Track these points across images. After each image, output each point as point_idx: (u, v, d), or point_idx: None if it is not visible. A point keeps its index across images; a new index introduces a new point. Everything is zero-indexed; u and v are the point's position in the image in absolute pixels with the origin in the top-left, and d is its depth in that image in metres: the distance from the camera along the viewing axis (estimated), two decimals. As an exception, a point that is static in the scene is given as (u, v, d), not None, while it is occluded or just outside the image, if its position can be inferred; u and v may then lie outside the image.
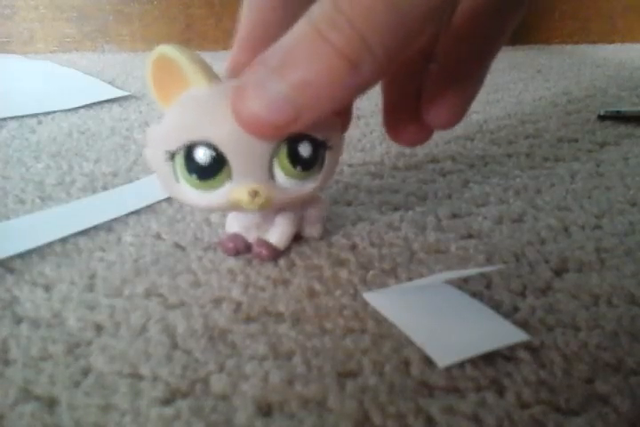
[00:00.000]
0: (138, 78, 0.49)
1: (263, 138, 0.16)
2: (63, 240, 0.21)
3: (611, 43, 0.72)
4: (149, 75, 0.17)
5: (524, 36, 0.69)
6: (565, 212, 0.24)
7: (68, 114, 0.38)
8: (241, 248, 0.20)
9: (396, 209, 0.24)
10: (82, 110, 0.39)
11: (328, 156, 0.18)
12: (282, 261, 0.20)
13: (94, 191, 0.26)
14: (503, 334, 0.16)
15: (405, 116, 0.21)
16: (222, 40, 0.63)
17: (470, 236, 0.22)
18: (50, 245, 0.21)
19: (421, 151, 0.32)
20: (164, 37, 0.62)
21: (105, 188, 0.26)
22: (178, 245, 0.21)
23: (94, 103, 0.40)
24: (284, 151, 0.17)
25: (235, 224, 0.20)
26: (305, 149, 0.17)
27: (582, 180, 0.28)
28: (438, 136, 0.34)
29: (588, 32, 0.71)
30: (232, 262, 0.20)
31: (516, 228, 0.23)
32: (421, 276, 0.19)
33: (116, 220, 0.23)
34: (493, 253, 0.21)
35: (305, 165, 0.17)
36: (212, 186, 0.17)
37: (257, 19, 0.18)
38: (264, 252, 0.20)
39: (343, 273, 0.19)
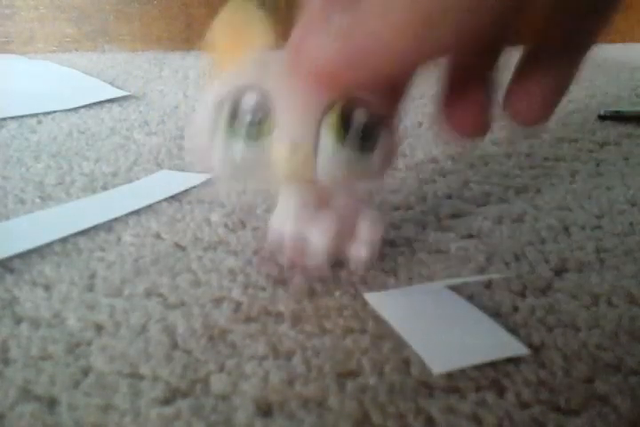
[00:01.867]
0: (138, 78, 0.49)
1: (314, 83, 0.14)
2: (63, 240, 0.21)
3: (611, 43, 0.72)
4: (215, 33, 0.16)
5: (524, 35, 0.69)
6: (565, 212, 0.24)
7: (68, 114, 0.38)
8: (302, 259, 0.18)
9: (396, 209, 0.24)
10: (82, 110, 0.39)
11: (384, 138, 0.16)
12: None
13: (94, 191, 0.26)
14: (502, 345, 0.16)
15: (468, 104, 0.19)
16: (222, 40, 0.63)
17: (470, 236, 0.22)
18: (50, 245, 0.21)
19: (421, 151, 0.32)
20: (164, 37, 0.62)
21: (105, 188, 0.26)
22: (178, 245, 0.21)
23: (94, 103, 0.40)
24: (336, 111, 0.15)
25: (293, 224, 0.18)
26: (360, 116, 0.15)
27: (582, 180, 0.28)
28: (438, 136, 0.34)
29: (588, 32, 0.71)
30: (232, 262, 0.20)
31: (515, 228, 0.23)
32: (421, 276, 0.19)
33: (116, 220, 0.23)
34: (493, 253, 0.21)
35: (358, 137, 0.15)
36: (254, 137, 0.15)
37: None
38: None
39: (343, 273, 0.19)
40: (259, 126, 0.15)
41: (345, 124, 0.15)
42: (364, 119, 0.15)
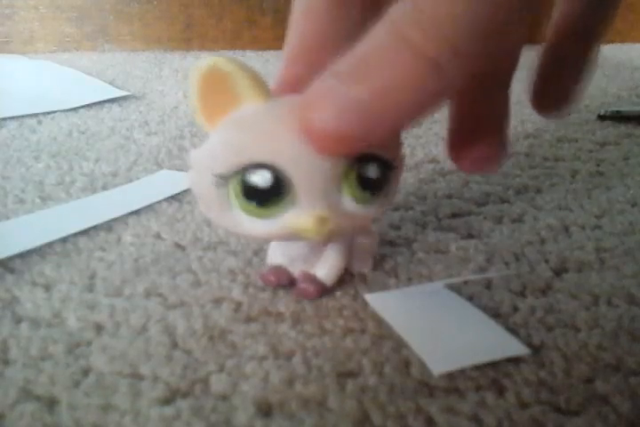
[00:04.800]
0: (138, 78, 0.49)
1: (334, 154, 0.14)
2: (63, 240, 0.21)
3: (611, 43, 0.72)
4: (196, 90, 0.15)
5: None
6: (565, 212, 0.24)
7: (68, 114, 0.38)
8: (284, 282, 0.18)
9: (396, 209, 0.24)
10: (82, 110, 0.39)
11: (391, 177, 0.16)
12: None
13: (94, 191, 0.26)
14: (502, 345, 0.16)
15: (477, 136, 0.19)
16: (222, 40, 0.63)
17: (470, 236, 0.22)
18: (50, 245, 0.21)
19: (421, 151, 0.32)
20: (164, 37, 0.62)
21: (105, 188, 0.26)
22: (178, 245, 0.21)
23: (94, 103, 0.40)
24: (352, 173, 0.15)
25: (278, 255, 0.19)
26: (373, 171, 0.15)
27: (582, 180, 0.28)
28: (438, 136, 0.34)
29: (588, 32, 0.71)
30: (232, 262, 0.20)
31: (515, 228, 0.23)
32: (421, 276, 0.19)
33: (115, 220, 0.23)
34: (493, 253, 0.21)
35: (374, 189, 0.15)
36: (273, 213, 0.15)
37: (310, 29, 0.17)
38: (310, 288, 0.18)
39: (343, 274, 0.19)
40: (279, 203, 0.15)
41: (363, 181, 0.15)
42: (378, 173, 0.15)
